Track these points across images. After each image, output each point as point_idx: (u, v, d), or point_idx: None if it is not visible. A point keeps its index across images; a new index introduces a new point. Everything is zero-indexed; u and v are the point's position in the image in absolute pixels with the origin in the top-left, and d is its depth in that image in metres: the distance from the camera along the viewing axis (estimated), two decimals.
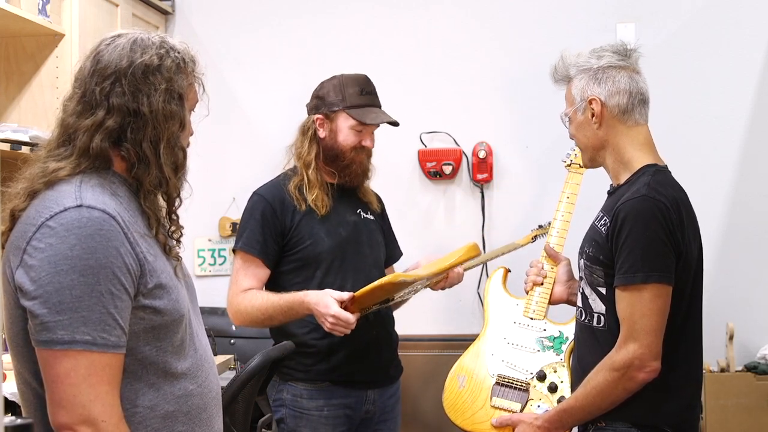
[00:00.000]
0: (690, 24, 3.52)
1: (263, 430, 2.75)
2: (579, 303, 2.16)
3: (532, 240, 2.98)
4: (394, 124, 2.69)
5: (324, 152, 2.64)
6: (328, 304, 2.37)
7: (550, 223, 2.68)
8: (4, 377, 2.75)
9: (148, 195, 1.57)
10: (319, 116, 2.63)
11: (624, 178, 2.12)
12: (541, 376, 2.39)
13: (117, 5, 3.36)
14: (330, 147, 2.63)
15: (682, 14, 3.53)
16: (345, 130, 2.62)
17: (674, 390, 2.07)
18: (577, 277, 2.41)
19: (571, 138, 2.25)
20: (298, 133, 2.69)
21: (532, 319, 2.49)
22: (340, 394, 2.56)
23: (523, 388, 2.39)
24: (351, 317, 2.36)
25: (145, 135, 1.55)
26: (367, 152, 2.68)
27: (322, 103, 2.65)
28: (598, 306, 2.08)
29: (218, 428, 1.69)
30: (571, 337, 2.41)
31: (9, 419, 2.03)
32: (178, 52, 1.62)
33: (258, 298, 2.52)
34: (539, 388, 2.37)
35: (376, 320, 2.60)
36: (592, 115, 2.11)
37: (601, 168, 2.21)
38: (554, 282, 2.46)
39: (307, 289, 2.52)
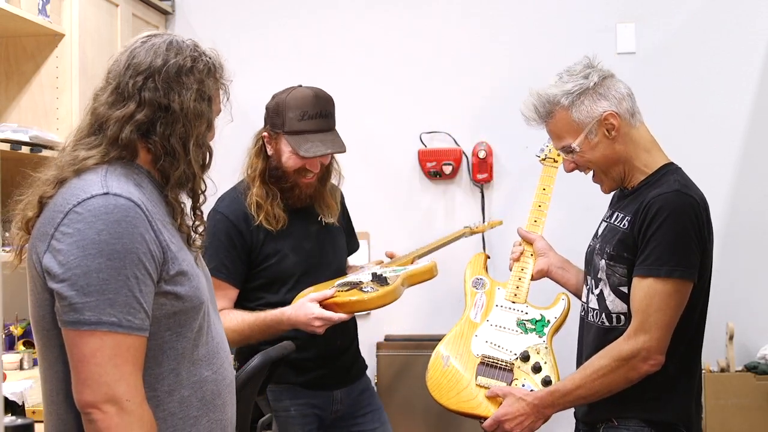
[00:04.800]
0: (690, 24, 3.52)
1: (263, 430, 2.75)
2: (594, 305, 2.16)
3: (456, 238, 2.93)
4: (339, 151, 2.53)
5: (269, 170, 2.54)
6: (308, 309, 2.35)
7: (477, 225, 2.90)
8: (5, 377, 2.75)
9: (173, 188, 1.64)
10: (266, 133, 2.55)
11: (639, 180, 2.12)
12: (525, 357, 2.40)
13: (117, 5, 3.36)
14: (274, 167, 2.52)
15: (682, 14, 3.53)
16: (286, 153, 2.49)
17: (686, 388, 2.10)
18: (576, 275, 2.43)
19: (573, 168, 2.20)
20: (251, 143, 2.60)
21: (513, 302, 2.51)
22: (306, 395, 2.56)
23: (507, 368, 2.40)
24: (335, 316, 2.35)
25: (174, 131, 1.62)
26: (322, 174, 2.56)
27: (268, 118, 2.55)
28: (618, 306, 2.09)
29: (231, 415, 1.75)
30: (553, 320, 2.46)
31: (9, 419, 2.04)
32: (209, 57, 1.70)
33: (232, 319, 2.42)
34: (523, 368, 2.39)
35: (338, 330, 2.52)
36: (608, 131, 2.09)
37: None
38: (535, 258, 2.49)
39: (272, 303, 2.48)
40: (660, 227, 1.99)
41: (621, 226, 2.09)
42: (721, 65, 3.49)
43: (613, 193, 2.26)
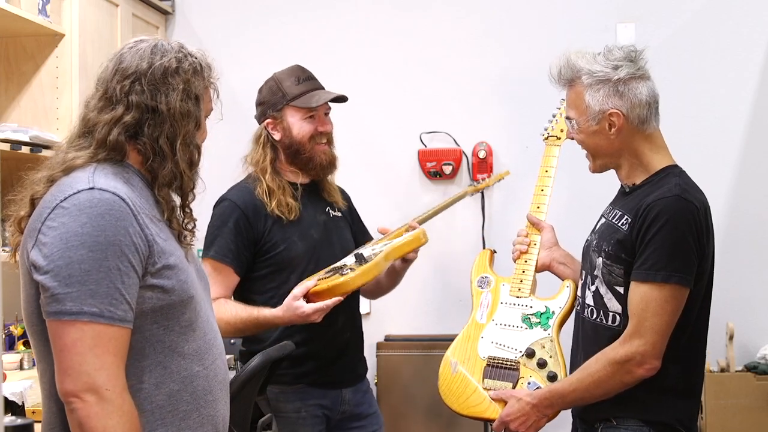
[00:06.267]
0: (690, 24, 3.52)
1: (263, 430, 2.75)
2: (590, 301, 2.16)
3: (457, 199, 2.95)
4: (342, 98, 2.65)
5: (285, 152, 2.61)
6: (296, 309, 2.39)
7: (485, 179, 2.86)
8: (5, 377, 2.75)
9: (162, 187, 1.67)
10: (269, 120, 2.61)
11: (641, 178, 2.12)
12: (530, 353, 2.39)
13: (117, 5, 3.36)
14: (289, 145, 2.60)
15: (682, 14, 3.53)
16: (297, 123, 2.59)
17: (688, 390, 2.10)
18: (576, 271, 2.43)
19: (570, 137, 2.25)
20: (251, 143, 2.67)
21: (518, 297, 2.49)
22: (315, 395, 2.57)
23: (513, 367, 2.39)
24: (323, 304, 2.38)
25: (162, 131, 1.66)
26: (328, 138, 2.65)
27: (266, 107, 2.63)
28: (614, 305, 2.09)
29: (223, 413, 1.75)
30: (558, 310, 2.43)
31: (9, 419, 2.04)
32: (195, 58, 1.73)
33: (226, 311, 2.45)
34: (529, 365, 2.37)
35: (347, 324, 2.63)
36: (610, 127, 2.09)
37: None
38: (538, 250, 2.49)
39: (281, 292, 2.50)
40: (658, 232, 1.98)
41: (620, 225, 2.09)
42: (722, 65, 3.50)
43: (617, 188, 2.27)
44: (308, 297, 2.42)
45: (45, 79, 3.05)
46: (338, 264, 2.54)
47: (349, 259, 2.55)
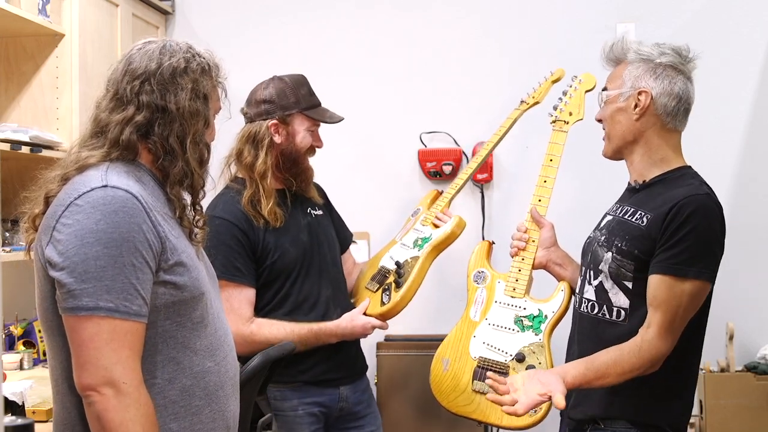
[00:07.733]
0: (690, 24, 3.51)
1: (263, 430, 2.75)
2: (590, 296, 2.15)
3: (514, 122, 2.91)
4: (340, 120, 2.71)
5: (283, 158, 2.58)
6: (364, 320, 2.57)
7: (532, 96, 2.84)
8: (5, 377, 2.75)
9: (173, 185, 1.70)
10: (274, 122, 2.57)
11: (653, 174, 2.12)
12: (521, 358, 2.38)
13: (117, 5, 3.36)
14: (288, 152, 2.58)
15: (682, 14, 3.53)
16: (302, 132, 2.60)
17: (679, 390, 2.08)
18: (573, 273, 2.42)
19: (598, 120, 2.25)
20: (241, 143, 2.59)
21: (512, 297, 2.48)
22: (313, 393, 2.59)
23: (503, 371, 2.37)
24: (376, 323, 2.58)
25: (172, 130, 1.69)
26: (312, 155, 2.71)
27: (273, 107, 2.57)
28: (621, 300, 2.08)
29: (233, 409, 1.78)
30: (550, 315, 2.41)
31: (9, 419, 2.05)
32: (203, 58, 1.76)
33: (279, 330, 2.50)
34: (518, 370, 2.35)
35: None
36: (635, 106, 2.12)
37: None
38: (536, 248, 2.48)
39: (276, 301, 2.56)
40: (693, 229, 1.97)
41: (633, 221, 2.07)
42: (722, 65, 3.49)
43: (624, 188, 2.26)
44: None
45: (45, 79, 3.05)
46: (381, 268, 2.67)
47: (389, 263, 2.64)
